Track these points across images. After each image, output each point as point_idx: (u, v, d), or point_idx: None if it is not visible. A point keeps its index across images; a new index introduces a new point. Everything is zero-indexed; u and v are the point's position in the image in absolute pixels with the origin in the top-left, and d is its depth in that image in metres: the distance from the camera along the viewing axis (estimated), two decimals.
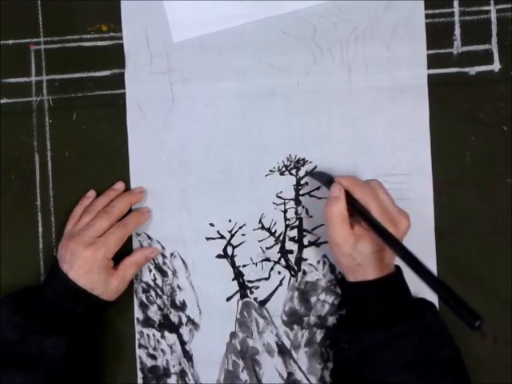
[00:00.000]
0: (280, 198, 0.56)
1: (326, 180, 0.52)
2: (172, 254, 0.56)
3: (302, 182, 0.56)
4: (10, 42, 0.57)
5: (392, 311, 0.47)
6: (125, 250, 0.54)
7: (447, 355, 0.47)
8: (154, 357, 0.56)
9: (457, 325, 0.39)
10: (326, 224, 0.49)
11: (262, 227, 0.56)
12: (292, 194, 0.56)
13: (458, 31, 0.56)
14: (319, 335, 0.55)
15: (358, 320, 0.49)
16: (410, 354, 0.46)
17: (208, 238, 0.56)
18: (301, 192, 0.56)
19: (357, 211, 0.47)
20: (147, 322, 0.56)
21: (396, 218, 0.47)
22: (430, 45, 0.55)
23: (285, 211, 0.56)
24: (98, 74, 0.57)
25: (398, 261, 0.48)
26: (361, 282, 0.48)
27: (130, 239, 0.55)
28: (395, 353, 0.46)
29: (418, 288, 0.50)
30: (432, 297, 0.51)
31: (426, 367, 0.46)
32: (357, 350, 0.47)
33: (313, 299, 0.55)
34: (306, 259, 0.56)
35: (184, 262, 0.56)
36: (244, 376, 0.56)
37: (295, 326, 0.55)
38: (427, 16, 0.55)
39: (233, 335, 0.56)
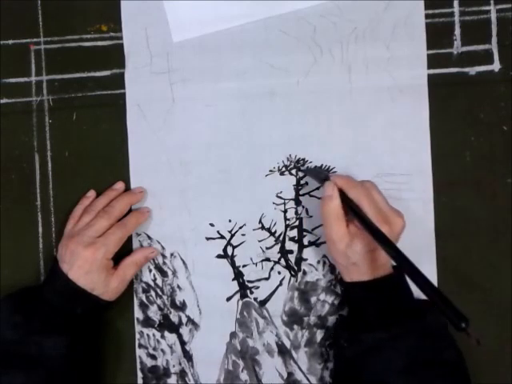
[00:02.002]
0: (280, 197, 0.56)
1: (322, 178, 0.52)
2: (172, 254, 0.56)
3: (302, 181, 0.56)
4: (10, 42, 0.57)
5: (391, 312, 0.47)
6: (125, 250, 0.54)
7: (447, 357, 0.47)
8: (153, 357, 0.56)
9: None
10: (322, 222, 0.49)
11: (262, 227, 0.56)
12: (292, 194, 0.56)
13: (457, 31, 0.56)
14: (319, 335, 0.55)
15: (358, 320, 0.49)
16: (409, 355, 0.46)
17: (208, 238, 0.56)
18: (301, 192, 0.56)
19: (350, 210, 0.47)
20: (147, 322, 0.56)
21: (390, 218, 0.47)
22: (430, 45, 0.55)
23: (285, 211, 0.56)
24: (98, 74, 0.57)
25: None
26: (356, 282, 0.48)
27: (130, 239, 0.55)
28: (394, 354, 0.46)
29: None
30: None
31: (425, 369, 0.46)
32: (356, 350, 0.47)
33: (313, 299, 0.55)
34: (306, 259, 0.56)
35: (184, 262, 0.56)
36: (244, 376, 0.56)
37: (295, 326, 0.56)
38: (427, 16, 0.55)
39: (233, 335, 0.56)
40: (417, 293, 0.50)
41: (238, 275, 0.56)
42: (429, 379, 0.45)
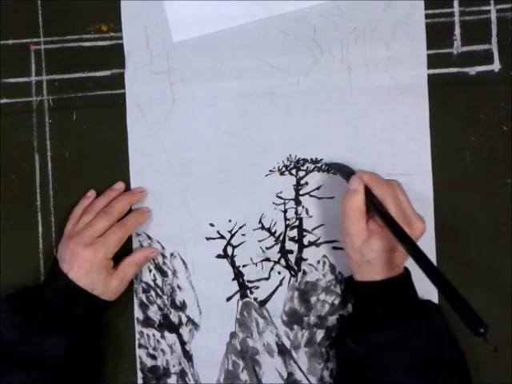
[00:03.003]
0: (280, 198, 0.56)
1: (346, 172, 0.52)
2: (172, 254, 0.56)
3: (302, 182, 0.56)
4: (10, 42, 0.57)
5: (400, 312, 0.47)
6: (125, 250, 0.54)
7: (452, 357, 0.47)
8: (154, 357, 0.56)
9: (459, 325, 0.38)
10: (341, 216, 0.49)
11: (262, 227, 0.56)
12: (292, 194, 0.56)
13: (457, 31, 0.56)
14: (319, 335, 0.55)
15: (365, 319, 0.49)
16: (416, 354, 0.46)
17: (208, 238, 0.56)
18: (301, 192, 0.56)
19: (374, 207, 0.47)
20: (147, 322, 0.56)
21: (412, 221, 0.47)
22: (430, 45, 0.55)
23: (285, 211, 0.56)
24: (98, 74, 0.57)
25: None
26: (368, 282, 0.48)
27: (130, 239, 0.55)
28: (402, 353, 0.46)
29: (423, 291, 0.51)
30: (434, 297, 0.51)
31: (432, 368, 0.46)
32: (364, 350, 0.47)
33: (313, 299, 0.55)
34: (306, 259, 0.56)
35: (184, 262, 0.56)
36: (244, 376, 0.56)
37: (295, 326, 0.55)
38: (427, 16, 0.55)
39: (233, 335, 0.56)
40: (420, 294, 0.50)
41: (238, 275, 0.56)
42: (435, 378, 0.46)
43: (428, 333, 0.47)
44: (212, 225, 0.56)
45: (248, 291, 0.56)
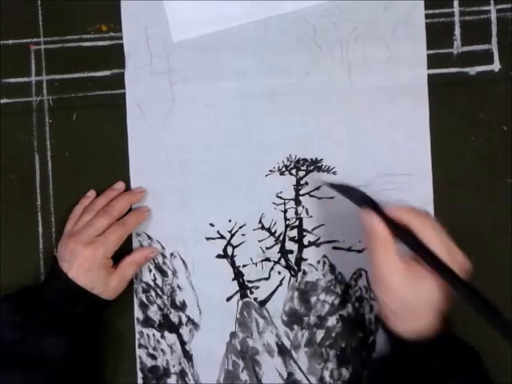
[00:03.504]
0: (280, 198, 0.56)
1: (358, 198, 0.46)
2: (172, 254, 0.56)
3: (302, 182, 0.56)
4: (10, 42, 0.57)
5: (444, 372, 0.41)
6: (125, 250, 0.54)
7: None
8: (154, 357, 0.56)
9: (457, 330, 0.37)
10: (369, 257, 0.42)
11: (262, 227, 0.56)
12: (292, 194, 0.56)
13: (457, 31, 0.56)
14: (319, 335, 0.55)
15: (404, 375, 0.43)
16: None
17: (208, 238, 0.56)
18: (301, 192, 0.56)
19: (413, 248, 0.41)
20: (147, 322, 0.56)
21: (456, 256, 0.41)
22: (430, 45, 0.55)
23: (285, 211, 0.56)
24: (98, 74, 0.57)
25: None
26: (414, 341, 0.41)
27: (129, 239, 0.55)
28: None
29: None
30: None
31: None
32: None
33: (313, 299, 0.55)
34: (306, 259, 0.56)
35: (184, 262, 0.56)
36: (244, 376, 0.56)
37: (295, 326, 0.55)
38: (427, 16, 0.55)
39: (233, 335, 0.56)
40: None
41: (238, 275, 0.56)
42: None
43: None
44: (212, 225, 0.56)
45: (248, 291, 0.56)
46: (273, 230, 0.56)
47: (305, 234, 0.56)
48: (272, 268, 0.56)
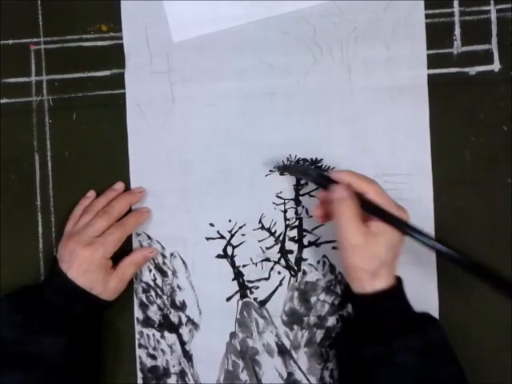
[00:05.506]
0: (280, 198, 0.56)
1: (314, 176, 0.50)
2: (172, 254, 0.56)
3: (302, 181, 0.56)
4: (10, 41, 0.57)
5: (394, 325, 0.45)
6: (124, 250, 0.54)
7: (450, 374, 0.45)
8: (153, 357, 0.56)
9: (459, 337, 0.38)
10: (337, 227, 0.46)
11: (262, 227, 0.56)
12: (292, 194, 0.56)
13: (457, 31, 0.56)
14: (319, 335, 0.55)
15: (359, 332, 0.47)
16: (411, 371, 0.44)
17: (208, 238, 0.56)
18: (301, 192, 0.56)
19: (367, 207, 0.45)
20: (147, 322, 0.56)
21: (401, 210, 0.46)
22: (430, 45, 0.55)
23: (285, 211, 0.56)
24: (98, 73, 0.57)
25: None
26: (368, 294, 0.45)
27: (129, 239, 0.55)
28: (395, 369, 0.44)
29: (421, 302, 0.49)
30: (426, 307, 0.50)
31: None
32: (358, 362, 0.46)
33: (313, 299, 0.55)
34: (305, 259, 0.56)
35: (184, 262, 0.56)
36: (244, 376, 0.55)
37: (295, 326, 0.55)
38: (427, 16, 0.55)
39: (233, 335, 0.56)
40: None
41: (238, 275, 0.56)
42: None
43: (421, 349, 0.44)
44: (212, 225, 0.56)
45: (248, 291, 0.56)
46: (273, 230, 0.56)
47: (305, 234, 0.56)
48: (272, 268, 0.56)
